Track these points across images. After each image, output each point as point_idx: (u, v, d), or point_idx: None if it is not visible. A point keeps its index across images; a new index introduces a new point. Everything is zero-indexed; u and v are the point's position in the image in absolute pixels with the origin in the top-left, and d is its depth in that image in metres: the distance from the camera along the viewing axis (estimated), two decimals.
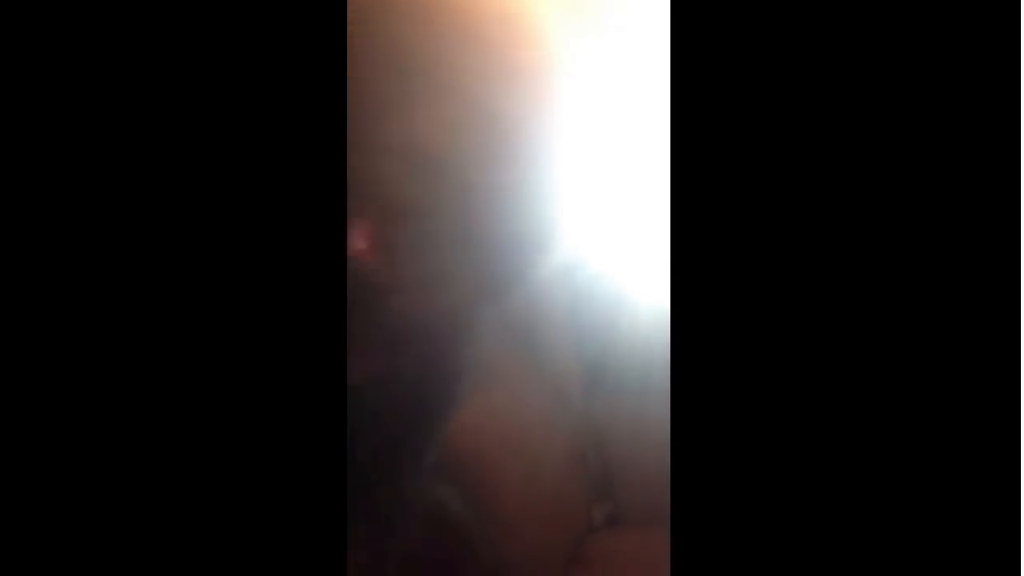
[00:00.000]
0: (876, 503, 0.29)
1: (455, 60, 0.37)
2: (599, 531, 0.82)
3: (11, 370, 0.27)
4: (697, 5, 0.30)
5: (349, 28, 0.30)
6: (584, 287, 0.71)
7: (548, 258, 0.51)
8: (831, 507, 0.29)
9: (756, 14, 0.30)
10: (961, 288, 0.29)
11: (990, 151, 0.29)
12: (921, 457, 0.29)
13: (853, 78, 0.30)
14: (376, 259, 0.36)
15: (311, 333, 0.29)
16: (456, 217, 0.39)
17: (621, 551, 0.78)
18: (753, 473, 0.30)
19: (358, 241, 0.35)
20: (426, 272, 0.37)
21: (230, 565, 0.28)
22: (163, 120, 0.29)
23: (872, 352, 0.30)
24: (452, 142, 0.37)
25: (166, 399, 0.28)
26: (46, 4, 0.27)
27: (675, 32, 0.30)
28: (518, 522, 0.64)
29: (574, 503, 0.78)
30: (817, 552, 0.29)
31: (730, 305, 0.30)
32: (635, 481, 0.77)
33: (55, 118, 0.28)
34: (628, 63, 0.50)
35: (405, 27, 0.35)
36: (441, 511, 0.52)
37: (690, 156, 0.31)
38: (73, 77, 0.28)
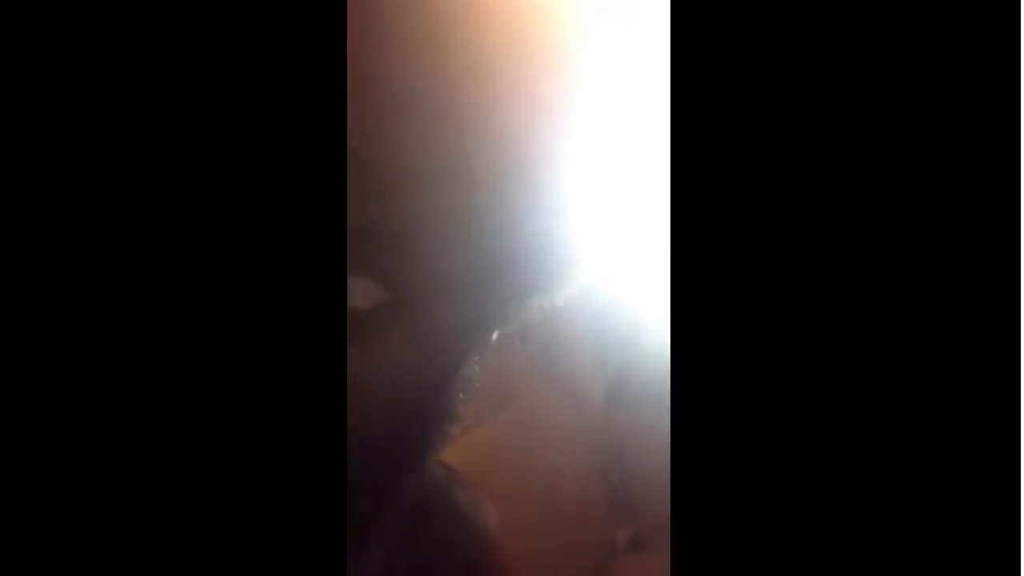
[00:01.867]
0: (883, 522, 0.29)
1: (461, 80, 0.37)
2: (623, 555, 0.80)
3: (11, 370, 0.27)
4: (699, 17, 0.30)
5: (348, 48, 0.31)
6: (606, 303, 0.71)
7: (567, 273, 0.50)
8: (849, 523, 0.29)
9: (763, 31, 0.30)
10: (965, 301, 0.29)
11: (990, 151, 0.28)
12: (924, 472, 0.29)
13: (854, 84, 0.30)
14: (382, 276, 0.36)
15: (312, 347, 0.29)
16: (464, 234, 0.39)
17: (648, 574, 0.76)
18: (763, 493, 0.30)
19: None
20: (433, 289, 0.36)
21: (228, 567, 0.28)
22: (161, 138, 0.29)
23: (882, 371, 0.30)
24: (459, 159, 0.37)
25: (164, 406, 0.28)
26: (45, 3, 0.28)
27: (675, 43, 0.31)
28: (538, 541, 0.63)
29: (595, 523, 0.77)
30: (827, 567, 0.29)
31: (734, 319, 0.30)
32: (660, 502, 0.75)
33: (48, 118, 0.28)
34: (634, 76, 0.50)
35: (409, 45, 0.36)
36: (460, 523, 0.52)
37: (693, 166, 0.31)
38: (69, 77, 0.28)
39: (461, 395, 0.41)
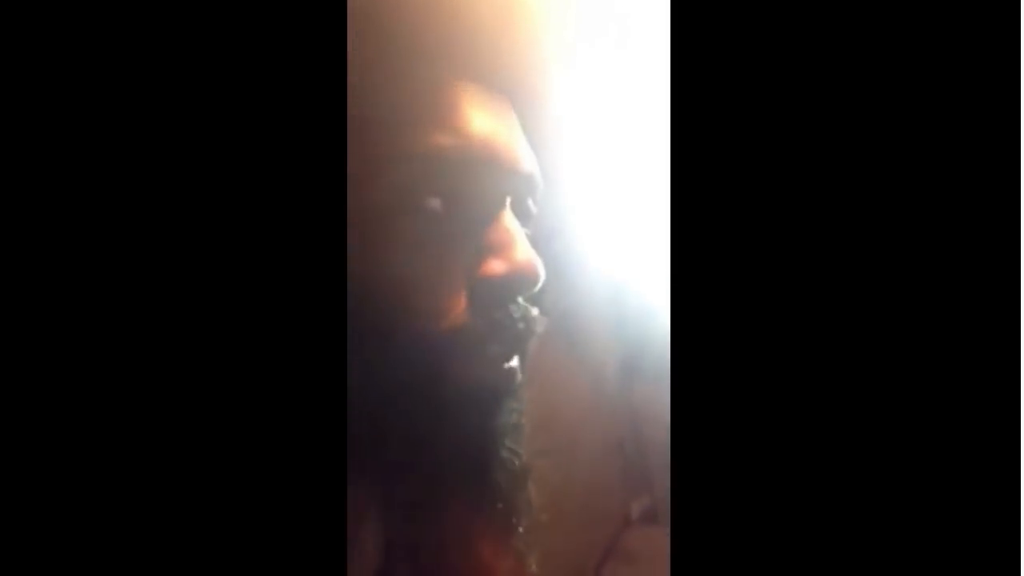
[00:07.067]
0: (883, 504, 0.28)
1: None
2: (637, 526, 0.82)
3: (11, 370, 0.27)
4: (697, 18, 0.30)
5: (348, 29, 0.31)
6: (623, 281, 0.72)
7: (584, 253, 0.51)
8: (851, 507, 0.29)
9: (757, 23, 0.30)
10: (961, 280, 0.29)
11: (990, 151, 0.29)
12: (925, 461, 0.28)
13: (853, 79, 0.29)
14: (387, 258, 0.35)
15: (312, 335, 0.28)
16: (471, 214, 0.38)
17: (661, 547, 0.77)
18: (765, 470, 0.29)
19: None
20: (438, 273, 0.36)
21: (228, 567, 0.28)
22: (160, 139, 0.28)
23: (881, 350, 0.29)
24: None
25: (163, 407, 0.28)
26: (45, 3, 0.28)
27: (675, 45, 0.31)
28: (554, 511, 0.65)
29: (611, 495, 0.78)
30: (825, 551, 0.29)
31: (735, 305, 0.30)
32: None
33: (46, 117, 0.28)
34: (636, 69, 0.51)
35: (410, 49, 0.36)
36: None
37: (693, 155, 0.31)
38: (68, 76, 0.28)
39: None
